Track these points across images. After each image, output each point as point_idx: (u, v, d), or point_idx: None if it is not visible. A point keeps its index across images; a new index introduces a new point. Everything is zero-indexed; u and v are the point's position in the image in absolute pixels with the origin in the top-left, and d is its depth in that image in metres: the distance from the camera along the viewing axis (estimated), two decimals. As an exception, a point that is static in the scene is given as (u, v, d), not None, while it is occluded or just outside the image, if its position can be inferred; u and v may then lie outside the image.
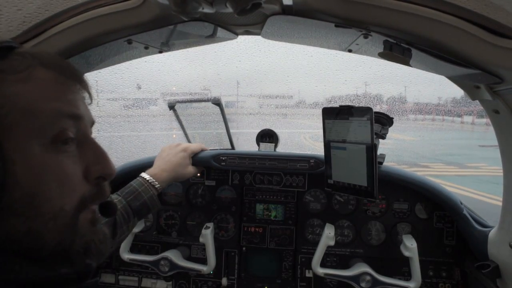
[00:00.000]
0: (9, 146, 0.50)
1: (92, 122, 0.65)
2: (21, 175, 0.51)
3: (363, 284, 1.41)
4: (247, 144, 2.05)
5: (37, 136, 0.53)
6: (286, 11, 0.86)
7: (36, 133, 0.53)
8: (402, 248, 1.46)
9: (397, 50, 0.83)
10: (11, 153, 0.50)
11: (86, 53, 0.96)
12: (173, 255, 1.54)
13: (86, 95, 0.65)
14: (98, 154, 0.61)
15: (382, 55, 0.88)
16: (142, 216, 1.29)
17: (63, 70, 0.60)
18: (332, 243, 1.46)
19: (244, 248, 1.67)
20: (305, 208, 1.66)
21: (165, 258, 1.52)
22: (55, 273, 0.57)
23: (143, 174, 1.31)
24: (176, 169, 1.40)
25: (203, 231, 1.54)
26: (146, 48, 1.05)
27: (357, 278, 1.42)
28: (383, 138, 1.36)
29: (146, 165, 1.45)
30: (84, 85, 0.64)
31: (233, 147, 1.82)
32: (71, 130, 0.57)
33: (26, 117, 0.52)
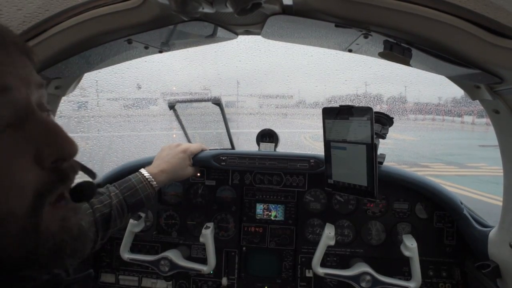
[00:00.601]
0: None
1: (39, 84, 0.51)
2: None
3: (363, 284, 1.41)
4: (247, 144, 2.06)
5: None
6: (286, 11, 0.86)
7: None
8: (402, 248, 1.46)
9: (397, 50, 0.83)
10: None
11: (86, 53, 0.96)
12: (173, 255, 1.54)
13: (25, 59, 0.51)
14: (49, 131, 0.48)
15: (382, 55, 0.88)
16: (135, 212, 1.31)
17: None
18: (332, 243, 1.46)
19: (244, 248, 1.67)
20: (305, 208, 1.66)
21: (165, 258, 1.52)
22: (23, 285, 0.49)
23: (143, 171, 1.32)
24: (175, 171, 1.41)
25: (203, 231, 1.54)
26: (146, 48, 1.05)
27: (357, 278, 1.42)
28: (383, 138, 1.36)
29: (146, 165, 1.45)
30: (24, 51, 0.51)
31: (233, 147, 1.82)
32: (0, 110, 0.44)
33: None
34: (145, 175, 1.30)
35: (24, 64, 0.50)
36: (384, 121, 1.35)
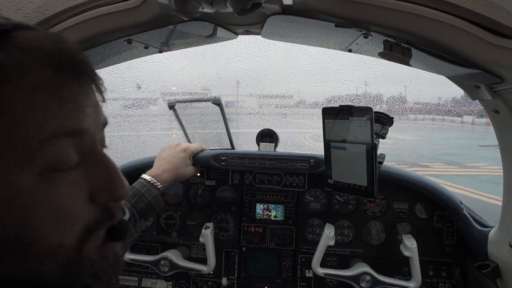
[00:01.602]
0: None
1: (104, 124, 0.53)
2: (4, 214, 0.41)
3: (363, 284, 1.41)
4: (247, 144, 2.05)
5: (26, 163, 0.40)
6: (286, 11, 0.86)
7: (25, 160, 0.40)
8: (402, 248, 1.45)
9: (397, 50, 0.83)
10: None
11: (86, 53, 0.96)
12: (173, 255, 1.53)
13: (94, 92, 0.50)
14: (108, 175, 0.49)
15: (382, 55, 0.88)
16: (148, 216, 1.30)
17: (64, 64, 0.45)
18: (332, 243, 1.46)
19: (244, 248, 1.67)
20: (305, 208, 1.66)
21: (165, 258, 1.52)
22: None
23: (144, 176, 1.31)
24: (177, 170, 1.40)
25: (203, 231, 1.54)
26: (146, 48, 1.04)
27: (357, 278, 1.42)
28: (383, 138, 1.36)
29: (146, 165, 1.45)
30: (94, 80, 0.49)
31: (233, 147, 1.82)
32: (71, 152, 0.44)
33: (10, 142, 0.40)
34: (147, 178, 1.29)
35: (96, 101, 0.50)
36: (384, 121, 1.35)
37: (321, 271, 1.46)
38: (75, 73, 0.46)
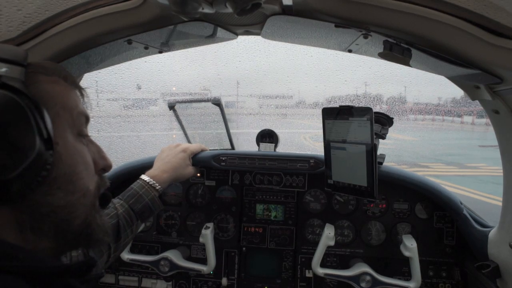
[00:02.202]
0: (55, 132, 0.61)
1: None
2: (63, 156, 0.63)
3: (363, 284, 1.41)
4: (247, 144, 2.06)
5: (70, 127, 0.66)
6: (286, 11, 0.86)
7: (70, 125, 0.66)
8: (402, 248, 1.45)
9: (397, 50, 0.83)
10: (56, 137, 0.61)
11: (86, 53, 0.96)
12: (173, 255, 1.53)
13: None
14: (99, 151, 0.74)
15: (382, 55, 0.88)
16: (145, 218, 1.28)
17: (72, 80, 0.73)
18: (332, 243, 1.46)
19: (244, 248, 1.67)
20: (305, 208, 1.66)
21: (165, 258, 1.52)
22: (62, 263, 0.69)
23: (143, 176, 1.31)
24: (176, 170, 1.40)
25: (203, 231, 1.54)
26: (146, 48, 1.05)
27: (357, 278, 1.42)
28: (383, 138, 1.36)
29: (146, 165, 1.45)
30: (82, 91, 0.76)
31: (233, 147, 1.82)
32: (86, 127, 0.71)
33: (64, 112, 0.66)
34: (145, 179, 1.29)
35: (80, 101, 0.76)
36: (384, 121, 1.35)
37: (321, 271, 1.46)
38: (76, 86, 0.75)
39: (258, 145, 1.75)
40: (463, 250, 1.51)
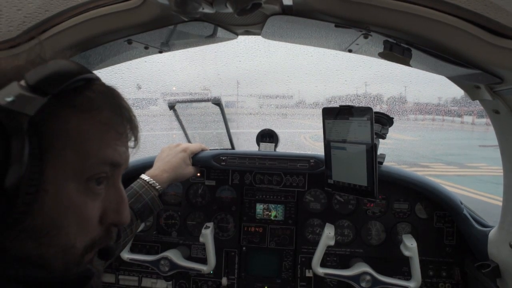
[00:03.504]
0: (48, 175, 0.51)
1: (126, 167, 0.65)
2: (48, 206, 0.51)
3: (363, 284, 1.41)
4: (247, 144, 2.06)
5: (77, 174, 0.54)
6: (286, 11, 0.86)
7: (78, 172, 0.54)
8: (402, 248, 1.46)
9: (397, 50, 0.83)
10: (47, 183, 0.51)
11: (86, 53, 0.96)
12: (173, 255, 1.54)
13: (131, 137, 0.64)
14: (119, 202, 0.62)
15: (382, 55, 0.88)
16: (145, 218, 1.28)
17: (122, 111, 0.61)
18: (332, 243, 1.46)
19: (244, 248, 1.67)
20: (305, 208, 1.66)
21: (165, 258, 1.52)
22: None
23: (143, 176, 1.31)
24: (176, 170, 1.40)
25: (203, 231, 1.54)
26: (146, 48, 1.04)
27: (357, 278, 1.42)
28: (383, 138, 1.36)
29: (146, 165, 1.44)
30: (134, 128, 0.64)
31: (233, 147, 1.82)
32: (108, 175, 0.59)
33: (76, 157, 0.53)
34: (145, 179, 1.29)
35: (127, 144, 0.64)
36: (384, 121, 1.35)
37: (321, 271, 1.46)
38: (125, 119, 0.61)
39: (258, 145, 1.75)
40: (463, 250, 1.51)
